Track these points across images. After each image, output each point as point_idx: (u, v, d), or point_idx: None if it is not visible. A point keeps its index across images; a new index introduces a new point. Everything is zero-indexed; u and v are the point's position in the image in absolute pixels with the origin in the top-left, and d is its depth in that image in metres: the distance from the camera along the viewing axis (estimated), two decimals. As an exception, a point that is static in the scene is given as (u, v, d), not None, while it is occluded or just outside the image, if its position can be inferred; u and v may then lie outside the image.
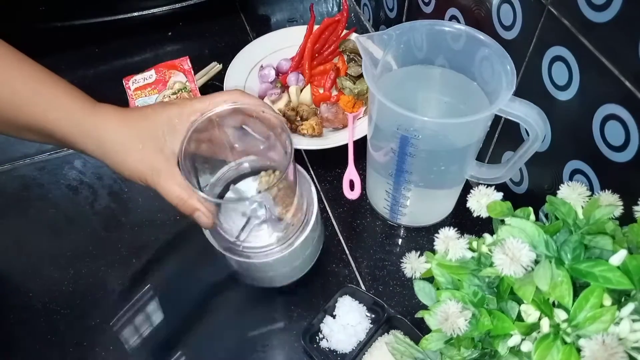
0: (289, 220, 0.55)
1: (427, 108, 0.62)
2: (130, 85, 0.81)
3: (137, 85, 0.81)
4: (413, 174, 0.58)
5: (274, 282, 0.60)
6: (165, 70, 0.83)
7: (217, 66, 0.88)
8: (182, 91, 0.80)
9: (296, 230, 0.55)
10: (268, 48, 0.87)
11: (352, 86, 0.80)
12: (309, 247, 0.58)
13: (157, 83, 0.81)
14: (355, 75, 0.82)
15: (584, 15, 0.47)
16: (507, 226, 0.36)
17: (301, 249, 0.56)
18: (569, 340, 0.32)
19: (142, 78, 0.82)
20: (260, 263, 0.55)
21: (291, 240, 0.55)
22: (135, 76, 0.82)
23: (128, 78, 0.82)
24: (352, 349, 0.57)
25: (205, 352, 0.58)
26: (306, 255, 0.59)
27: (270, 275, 0.58)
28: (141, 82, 0.81)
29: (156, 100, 0.80)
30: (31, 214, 0.71)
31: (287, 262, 0.56)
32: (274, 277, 0.59)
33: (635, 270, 0.32)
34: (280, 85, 0.83)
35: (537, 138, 0.53)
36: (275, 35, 0.89)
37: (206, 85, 0.85)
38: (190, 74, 0.83)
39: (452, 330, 0.35)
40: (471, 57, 0.57)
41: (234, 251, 0.54)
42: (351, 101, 0.79)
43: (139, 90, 0.80)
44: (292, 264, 0.58)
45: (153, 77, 0.82)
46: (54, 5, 0.89)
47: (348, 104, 0.79)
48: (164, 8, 0.94)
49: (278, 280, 0.60)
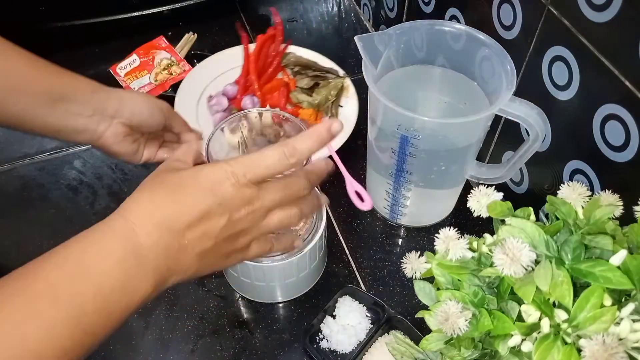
0: (299, 226, 0.55)
1: (427, 108, 0.62)
2: (119, 72, 0.85)
3: (125, 71, 0.85)
4: (413, 174, 0.58)
5: (276, 295, 0.60)
6: (148, 52, 0.87)
7: (192, 36, 0.91)
8: (171, 66, 0.85)
9: (305, 237, 0.55)
10: (207, 76, 0.81)
11: (309, 99, 0.77)
12: (316, 258, 0.59)
13: (143, 65, 0.85)
14: (306, 87, 0.79)
15: (584, 15, 0.47)
16: (507, 226, 0.36)
17: (309, 257, 0.56)
18: (570, 340, 0.32)
19: (127, 63, 0.86)
20: (268, 267, 0.54)
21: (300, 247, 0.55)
22: (119, 63, 0.85)
23: (114, 67, 0.85)
24: (352, 349, 0.57)
25: (205, 351, 0.58)
26: (312, 267, 0.59)
27: (274, 286, 0.58)
28: (128, 68, 0.85)
29: (149, 79, 0.83)
30: (31, 214, 0.71)
31: (294, 270, 0.56)
32: (276, 288, 0.59)
33: (635, 270, 0.32)
34: (236, 112, 0.75)
35: (537, 138, 0.53)
36: (212, 61, 0.84)
37: (189, 55, 0.89)
38: (171, 50, 0.88)
39: (453, 331, 0.35)
40: (471, 57, 0.57)
41: None
42: (313, 114, 0.76)
43: (130, 75, 0.84)
44: (299, 274, 0.58)
45: (137, 60, 0.86)
46: (54, 5, 0.89)
47: (310, 117, 0.76)
48: (164, 8, 0.94)
49: (281, 293, 0.60)
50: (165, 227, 0.37)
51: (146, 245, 0.36)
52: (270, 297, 0.61)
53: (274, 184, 0.41)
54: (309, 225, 0.57)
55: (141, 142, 0.56)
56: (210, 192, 0.38)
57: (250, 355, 0.58)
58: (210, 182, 0.39)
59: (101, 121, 0.51)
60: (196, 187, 0.39)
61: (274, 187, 0.41)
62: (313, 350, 0.57)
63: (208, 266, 0.41)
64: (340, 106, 0.78)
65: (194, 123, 0.72)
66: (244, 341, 0.59)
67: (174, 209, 0.38)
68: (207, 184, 0.39)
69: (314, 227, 0.57)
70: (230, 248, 0.41)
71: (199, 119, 0.76)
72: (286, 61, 0.83)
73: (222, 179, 0.39)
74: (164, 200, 0.38)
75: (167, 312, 0.61)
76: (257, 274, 0.56)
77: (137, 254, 0.36)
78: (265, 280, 0.57)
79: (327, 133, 0.41)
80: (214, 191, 0.38)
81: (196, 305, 0.62)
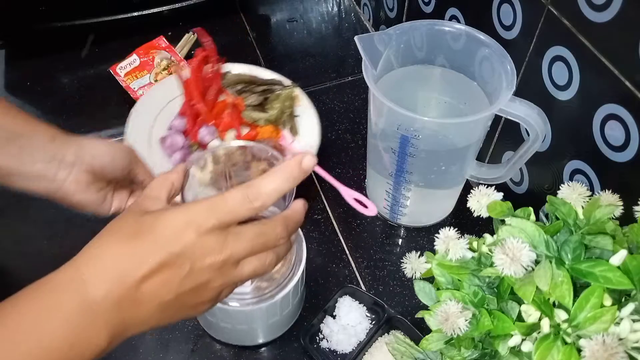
0: (274, 271, 0.52)
1: (427, 108, 0.62)
2: (119, 72, 0.84)
3: (125, 71, 0.84)
4: (413, 174, 0.58)
5: (244, 338, 0.58)
6: (148, 52, 0.87)
7: (192, 36, 0.91)
8: (171, 66, 0.85)
9: (278, 284, 0.52)
10: (149, 116, 0.73)
11: (264, 115, 0.72)
12: (289, 305, 0.55)
13: (143, 65, 0.85)
14: (257, 104, 0.73)
15: (584, 15, 0.47)
16: (507, 226, 0.36)
17: (281, 305, 0.53)
18: (570, 340, 0.32)
19: (127, 63, 0.85)
20: (235, 311, 0.51)
21: (272, 293, 0.51)
22: (119, 63, 0.85)
23: (114, 67, 0.85)
24: (352, 349, 0.57)
25: (205, 351, 0.58)
26: (284, 314, 0.56)
27: (242, 329, 0.55)
28: (128, 68, 0.85)
29: (149, 79, 0.83)
30: (31, 214, 0.71)
31: (263, 316, 0.53)
32: (245, 332, 0.56)
33: (635, 270, 0.32)
34: (197, 147, 0.70)
35: (537, 138, 0.53)
36: (147, 100, 0.75)
37: (189, 55, 0.88)
38: (171, 50, 0.87)
39: (453, 331, 0.35)
40: (471, 57, 0.58)
41: None
42: (274, 130, 0.71)
43: (130, 75, 0.84)
44: (268, 321, 0.55)
45: (137, 60, 0.85)
46: (54, 5, 0.89)
47: (272, 134, 0.71)
48: (164, 8, 0.94)
49: (249, 336, 0.57)
50: (118, 279, 0.34)
51: (97, 298, 0.34)
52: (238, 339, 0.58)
53: (246, 231, 0.37)
54: (285, 269, 0.53)
55: (108, 191, 0.51)
56: (169, 241, 0.35)
57: (250, 355, 0.58)
58: (169, 230, 0.35)
59: (60, 168, 0.46)
60: (154, 236, 0.35)
61: (246, 234, 0.37)
62: (313, 350, 0.57)
63: (172, 317, 0.37)
64: (296, 116, 0.73)
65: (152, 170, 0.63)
66: (244, 341, 0.59)
67: (128, 259, 0.35)
68: (166, 232, 0.35)
69: (291, 270, 0.53)
70: (197, 300, 0.37)
71: (156, 164, 0.66)
72: (226, 81, 0.75)
73: (182, 226, 0.35)
74: (119, 249, 0.35)
75: (167, 312, 0.61)
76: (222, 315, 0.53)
77: (87, 308, 0.33)
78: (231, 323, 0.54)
79: (297, 169, 0.38)
80: (173, 240, 0.35)
81: (196, 305, 0.62)
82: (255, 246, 0.38)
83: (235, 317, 0.53)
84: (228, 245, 0.36)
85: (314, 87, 0.86)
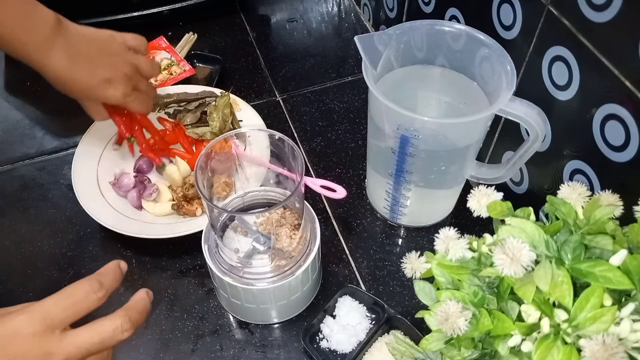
0: (291, 249, 0.55)
1: (427, 108, 0.62)
2: None
3: None
4: (413, 174, 0.58)
5: (268, 316, 0.60)
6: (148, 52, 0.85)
7: (192, 36, 0.91)
8: (171, 66, 0.85)
9: (296, 261, 0.55)
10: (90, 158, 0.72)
11: (208, 128, 0.72)
12: (308, 281, 0.58)
13: None
14: (195, 120, 0.74)
15: (584, 15, 0.47)
16: (507, 226, 0.36)
17: (301, 280, 0.56)
18: (570, 340, 0.32)
19: None
20: (258, 290, 0.54)
21: (292, 270, 0.55)
22: None
23: None
24: (352, 349, 0.57)
25: (205, 351, 0.58)
26: (304, 290, 0.58)
27: (265, 308, 0.57)
28: None
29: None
30: (31, 214, 0.71)
31: (285, 292, 0.56)
32: (268, 311, 0.58)
33: (635, 270, 0.32)
34: (148, 181, 0.71)
35: (537, 138, 0.53)
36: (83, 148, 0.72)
37: (189, 55, 0.89)
38: (171, 50, 0.88)
39: (452, 331, 0.35)
40: (471, 57, 0.58)
41: (233, 276, 0.54)
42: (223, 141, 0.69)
43: None
44: (290, 297, 0.57)
45: None
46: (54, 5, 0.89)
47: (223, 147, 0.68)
48: (164, 8, 0.94)
49: (273, 314, 0.59)
50: None
51: None
52: (262, 319, 0.60)
53: (82, 329, 0.36)
54: (302, 246, 0.56)
55: None
56: (2, 349, 0.33)
57: (250, 355, 0.58)
58: (2, 336, 0.34)
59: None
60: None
61: (82, 333, 0.36)
62: (313, 350, 0.57)
63: None
64: (240, 120, 0.74)
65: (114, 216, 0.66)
66: (244, 341, 0.59)
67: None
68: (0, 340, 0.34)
69: (307, 247, 0.56)
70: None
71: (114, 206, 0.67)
72: (158, 106, 0.75)
73: (16, 329, 0.34)
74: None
75: (167, 312, 0.61)
76: (247, 296, 0.55)
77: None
78: (256, 303, 0.56)
79: (116, 269, 0.41)
80: (6, 347, 0.33)
81: (196, 305, 0.62)
82: (94, 345, 0.36)
83: (260, 296, 0.55)
84: (63, 348, 0.35)
85: (314, 87, 0.86)
